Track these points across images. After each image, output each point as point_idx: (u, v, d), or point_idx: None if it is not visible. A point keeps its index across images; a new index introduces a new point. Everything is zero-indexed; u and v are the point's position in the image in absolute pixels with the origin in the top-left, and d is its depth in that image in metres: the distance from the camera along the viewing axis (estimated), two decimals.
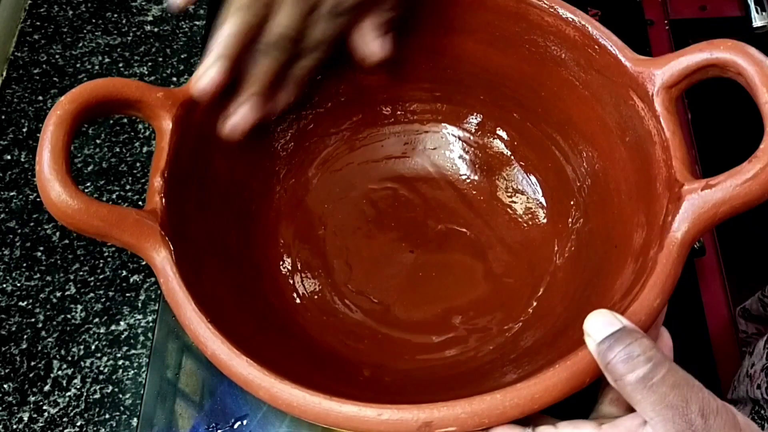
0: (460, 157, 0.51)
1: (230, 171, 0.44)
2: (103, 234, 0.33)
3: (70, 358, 0.47)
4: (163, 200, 0.36)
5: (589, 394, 0.34)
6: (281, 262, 0.47)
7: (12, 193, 0.53)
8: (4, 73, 0.59)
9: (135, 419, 0.44)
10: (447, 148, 0.51)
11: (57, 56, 0.59)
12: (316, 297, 0.46)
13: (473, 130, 0.51)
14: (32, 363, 0.47)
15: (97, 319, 0.48)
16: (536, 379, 0.30)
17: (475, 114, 0.50)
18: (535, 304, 0.45)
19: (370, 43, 0.41)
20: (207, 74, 0.37)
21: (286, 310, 0.45)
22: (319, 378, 0.39)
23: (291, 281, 0.46)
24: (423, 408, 0.29)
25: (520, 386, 0.30)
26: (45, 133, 0.33)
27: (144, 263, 0.50)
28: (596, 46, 0.38)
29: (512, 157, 0.50)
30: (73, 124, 0.34)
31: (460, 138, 0.51)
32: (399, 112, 0.51)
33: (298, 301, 0.46)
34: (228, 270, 0.42)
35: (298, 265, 0.47)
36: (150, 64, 0.59)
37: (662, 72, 0.35)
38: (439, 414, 0.29)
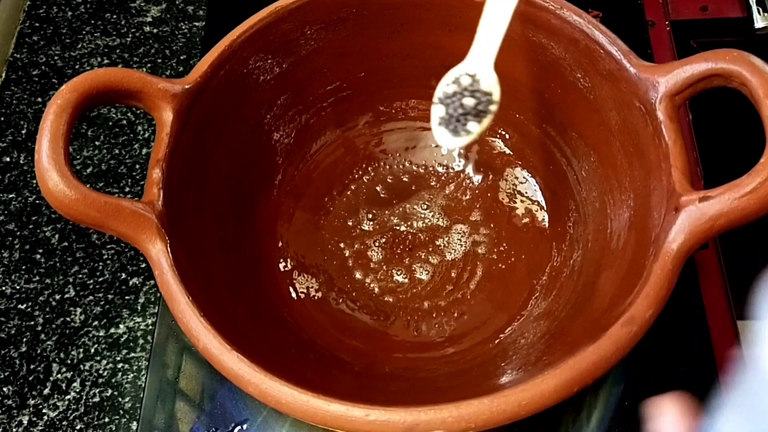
0: (461, 155, 0.51)
1: (230, 164, 0.44)
2: (99, 224, 0.33)
3: (69, 362, 0.47)
4: (161, 192, 0.35)
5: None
6: (279, 258, 0.47)
7: (11, 196, 0.53)
8: (3, 75, 0.58)
9: (134, 423, 0.44)
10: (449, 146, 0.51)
11: (56, 57, 0.59)
12: (312, 293, 0.46)
13: None
14: (31, 366, 0.47)
15: (96, 322, 0.48)
16: (524, 385, 0.30)
17: None
18: (532, 305, 0.45)
19: None
20: None
21: (282, 305, 0.45)
22: (312, 374, 0.39)
23: (288, 277, 0.47)
24: (410, 410, 0.29)
25: (508, 392, 0.30)
26: (45, 121, 0.33)
27: (144, 266, 0.50)
28: (601, 51, 0.38)
29: (513, 158, 0.50)
30: (74, 114, 0.34)
31: None
32: (401, 109, 0.51)
33: (294, 296, 0.46)
34: (225, 264, 0.42)
35: (296, 261, 0.47)
36: (149, 65, 0.58)
37: (666, 80, 0.35)
38: (426, 417, 0.29)
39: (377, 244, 0.48)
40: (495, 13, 0.31)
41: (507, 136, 0.50)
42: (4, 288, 0.49)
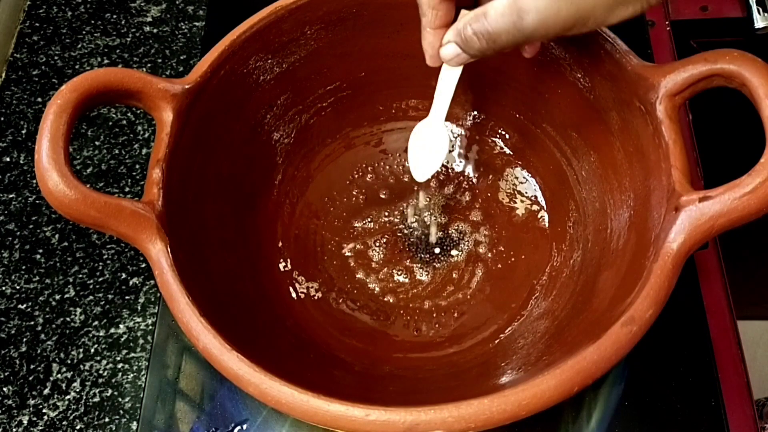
0: (461, 155, 0.51)
1: (231, 164, 0.44)
2: (99, 224, 0.33)
3: (69, 362, 0.47)
4: (161, 192, 0.35)
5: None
6: (279, 258, 0.47)
7: (11, 196, 0.53)
8: (3, 75, 0.58)
9: (134, 423, 0.44)
10: (448, 146, 0.51)
11: (56, 57, 0.59)
12: (312, 293, 0.46)
13: (475, 129, 0.50)
14: (32, 366, 0.47)
15: (96, 322, 0.48)
16: (525, 385, 0.30)
17: (477, 113, 0.50)
18: (532, 305, 0.45)
19: None
20: None
21: (282, 305, 0.45)
22: (312, 374, 0.39)
23: (288, 277, 0.47)
24: (410, 410, 0.29)
25: (508, 392, 0.29)
26: (45, 121, 0.33)
27: (144, 266, 0.50)
28: (601, 51, 0.38)
29: (513, 158, 0.50)
30: (74, 114, 0.34)
31: (461, 136, 0.51)
32: (401, 109, 0.51)
33: (294, 296, 0.46)
34: (225, 264, 0.42)
35: (296, 261, 0.47)
36: (149, 65, 0.58)
37: (666, 80, 0.35)
38: (426, 417, 0.29)
39: (377, 244, 0.48)
40: (444, 84, 0.39)
41: (507, 136, 0.50)
42: (4, 288, 0.49)
